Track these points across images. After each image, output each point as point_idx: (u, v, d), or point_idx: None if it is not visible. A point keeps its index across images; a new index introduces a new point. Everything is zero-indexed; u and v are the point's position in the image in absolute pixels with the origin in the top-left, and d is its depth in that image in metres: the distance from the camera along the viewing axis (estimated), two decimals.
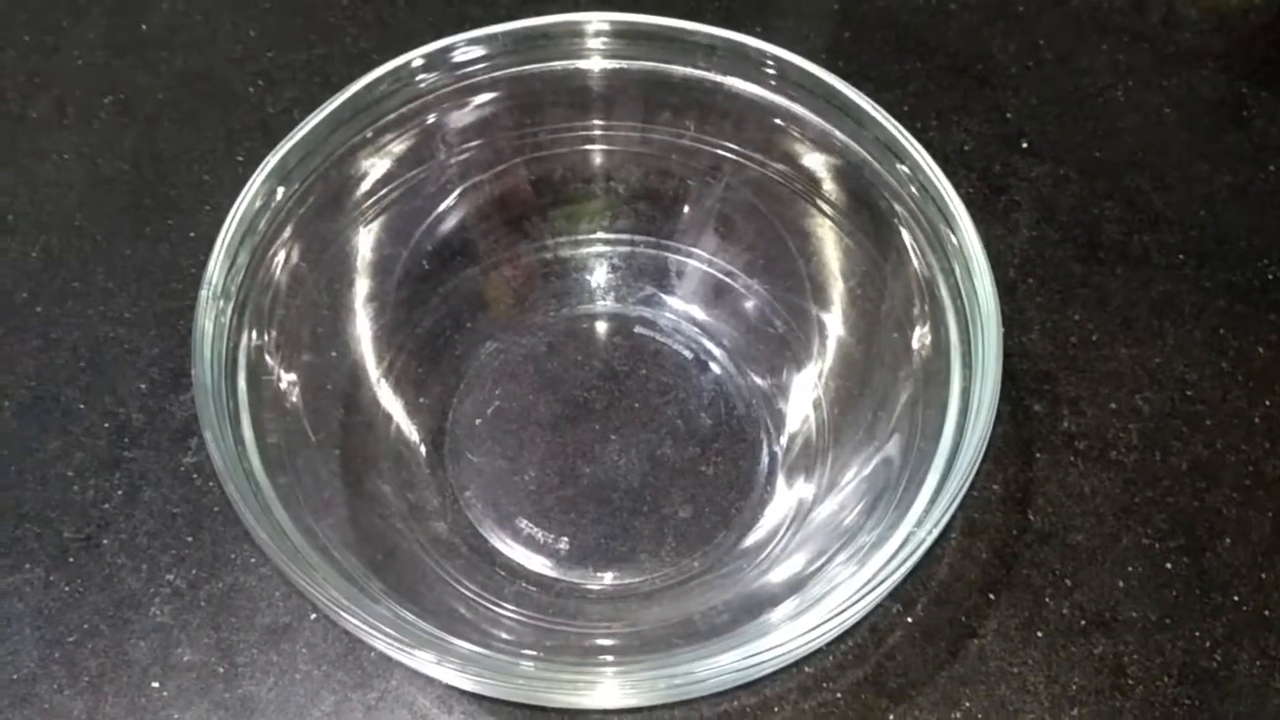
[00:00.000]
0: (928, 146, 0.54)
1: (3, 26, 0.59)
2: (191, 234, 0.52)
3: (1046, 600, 0.44)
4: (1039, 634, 0.43)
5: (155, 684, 0.42)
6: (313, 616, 0.43)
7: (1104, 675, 0.43)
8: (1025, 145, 0.56)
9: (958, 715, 0.42)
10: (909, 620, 0.43)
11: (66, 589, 0.44)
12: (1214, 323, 0.51)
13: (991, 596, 0.44)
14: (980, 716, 0.42)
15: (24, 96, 0.56)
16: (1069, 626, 0.43)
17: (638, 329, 0.50)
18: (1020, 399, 0.48)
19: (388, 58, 0.57)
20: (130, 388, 0.48)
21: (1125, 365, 0.49)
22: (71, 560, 0.44)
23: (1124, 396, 0.49)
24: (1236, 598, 0.44)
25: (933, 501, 0.36)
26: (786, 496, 0.45)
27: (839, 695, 0.42)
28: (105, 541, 0.45)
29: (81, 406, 0.47)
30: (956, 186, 0.53)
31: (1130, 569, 0.45)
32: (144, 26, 0.59)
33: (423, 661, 0.34)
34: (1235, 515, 0.46)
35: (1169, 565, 0.45)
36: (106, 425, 0.47)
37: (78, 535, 0.45)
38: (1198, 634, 0.43)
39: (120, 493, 0.46)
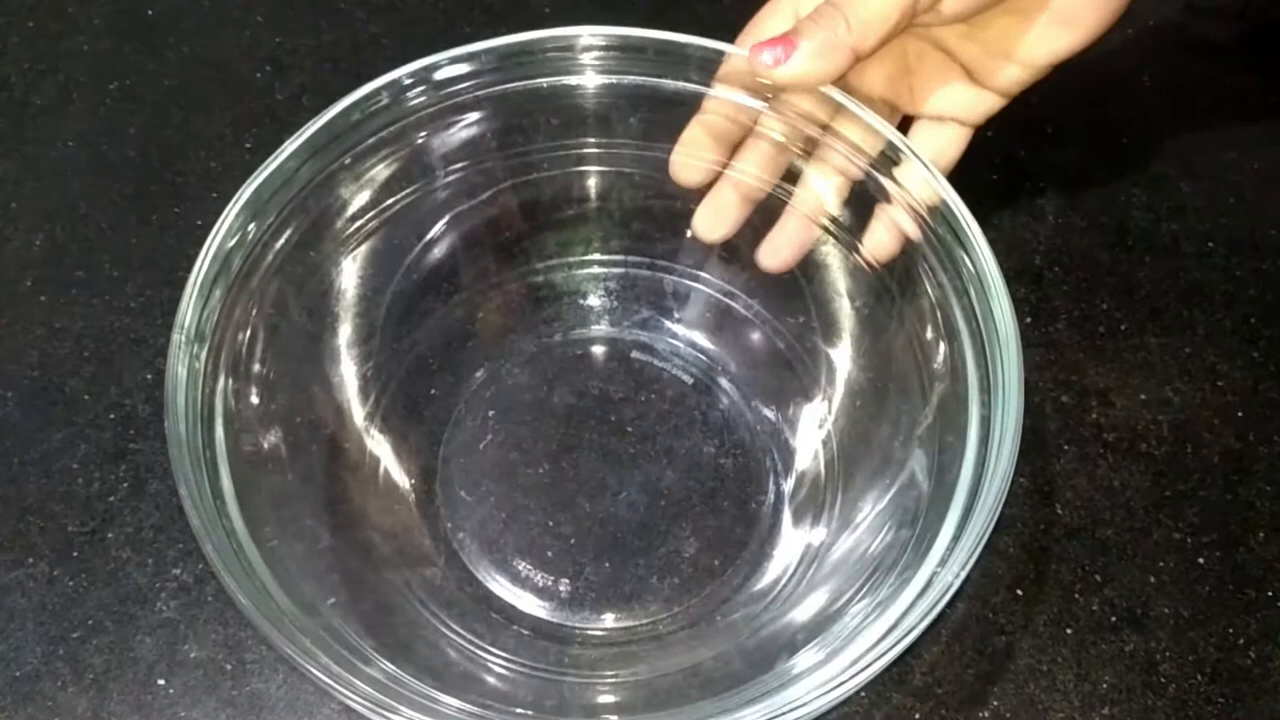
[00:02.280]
0: None
1: (8, 12, 0.58)
2: (199, 222, 0.51)
3: (1076, 596, 0.43)
4: (1068, 631, 0.42)
5: (161, 681, 0.41)
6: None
7: (1135, 673, 0.42)
8: (1049, 131, 0.54)
9: (985, 714, 0.41)
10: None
11: (71, 584, 0.43)
12: (1244, 311, 0.49)
13: (1019, 593, 0.43)
14: (1009, 715, 0.41)
15: (28, 83, 0.55)
16: (1099, 623, 0.42)
17: (634, 354, 0.48)
18: (1048, 390, 0.47)
19: (398, 43, 0.57)
20: (136, 378, 0.47)
21: (1155, 355, 0.48)
22: (76, 554, 0.43)
23: (1153, 387, 0.47)
24: (1271, 593, 0.43)
25: (955, 540, 0.34)
26: (796, 530, 0.44)
27: (863, 694, 0.41)
28: (110, 535, 0.44)
29: (86, 397, 0.47)
30: (979, 173, 0.53)
31: (1161, 564, 0.44)
32: (150, 12, 0.58)
33: None
34: (1269, 509, 0.45)
35: (1201, 560, 0.44)
36: (112, 416, 0.46)
37: (82, 529, 0.44)
38: (1231, 630, 0.42)
39: (126, 485, 0.45)
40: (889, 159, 0.41)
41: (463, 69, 0.43)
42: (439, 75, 0.42)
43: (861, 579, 0.38)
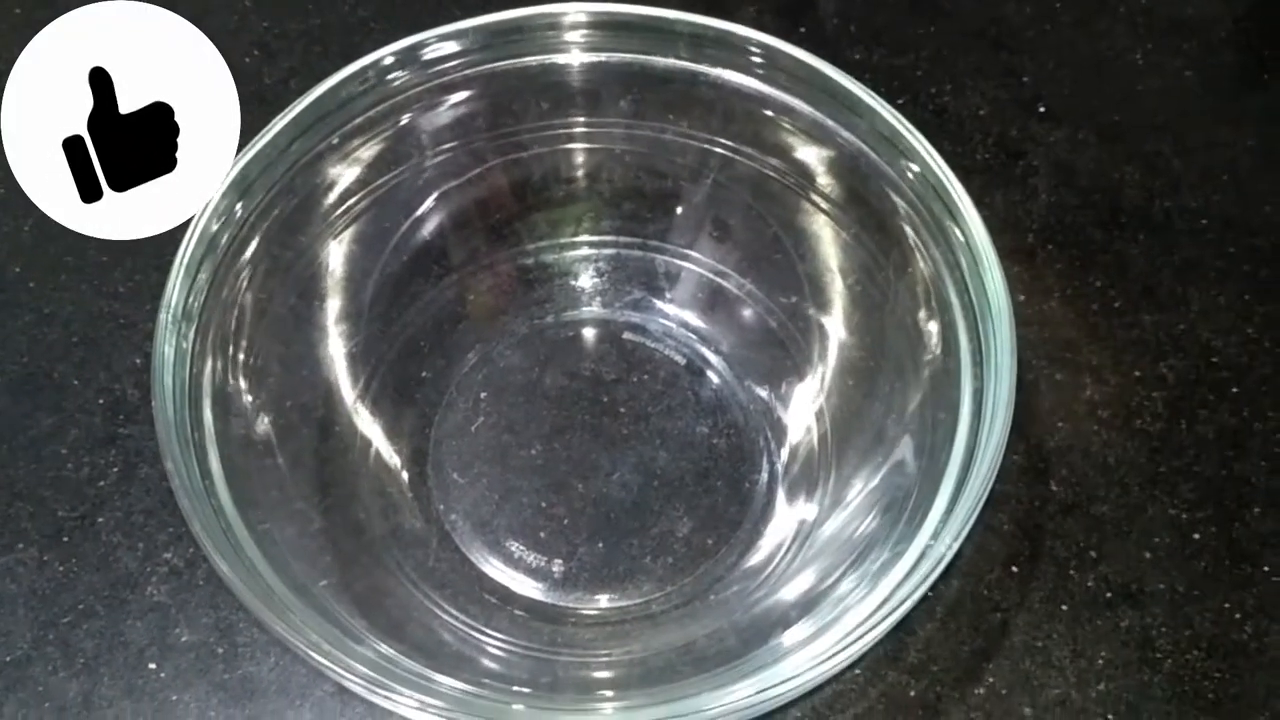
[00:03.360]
0: (942, 111, 0.54)
1: None
2: None
3: (1071, 573, 0.43)
4: (1064, 607, 0.42)
5: (152, 665, 0.41)
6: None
7: (1131, 649, 0.41)
8: (1042, 109, 0.54)
9: (981, 691, 0.41)
10: (930, 594, 0.42)
11: (61, 569, 0.43)
12: (1239, 288, 0.49)
13: (1014, 569, 0.43)
14: (1004, 691, 0.41)
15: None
16: (1094, 599, 0.42)
17: (626, 335, 0.47)
18: (1041, 367, 0.47)
19: (387, 26, 0.57)
20: (125, 362, 0.47)
21: (1149, 332, 0.48)
22: (66, 539, 0.43)
23: (1148, 364, 0.47)
24: (1267, 568, 0.43)
25: (948, 514, 0.34)
26: (790, 508, 0.43)
27: (859, 672, 0.41)
28: (100, 520, 0.43)
29: (75, 382, 0.46)
30: (972, 152, 0.53)
31: (1157, 540, 0.43)
32: None
33: (407, 706, 0.32)
34: (1264, 484, 0.44)
35: (1197, 536, 0.43)
36: (101, 401, 0.46)
37: (72, 514, 0.44)
38: (1227, 605, 0.42)
39: (116, 470, 0.44)
40: (882, 136, 0.40)
41: (450, 47, 0.42)
42: (426, 54, 0.42)
43: (854, 554, 0.38)
